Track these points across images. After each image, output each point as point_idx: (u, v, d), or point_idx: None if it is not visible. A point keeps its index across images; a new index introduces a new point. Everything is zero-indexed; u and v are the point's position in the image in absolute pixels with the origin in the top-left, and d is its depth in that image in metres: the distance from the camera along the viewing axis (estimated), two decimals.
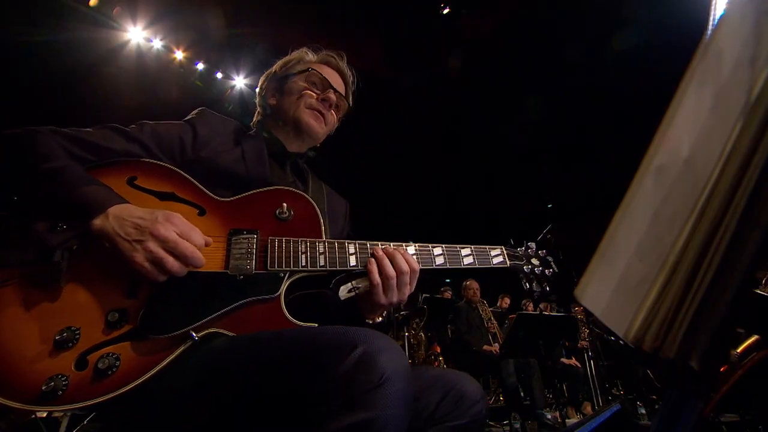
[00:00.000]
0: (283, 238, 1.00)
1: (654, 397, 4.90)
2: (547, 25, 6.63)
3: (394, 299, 1.03)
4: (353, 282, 1.15)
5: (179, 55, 6.96)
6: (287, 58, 1.40)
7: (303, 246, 1.00)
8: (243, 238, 0.97)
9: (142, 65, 6.61)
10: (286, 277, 0.96)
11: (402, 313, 5.45)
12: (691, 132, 0.44)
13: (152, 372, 0.80)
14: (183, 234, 0.86)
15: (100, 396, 0.77)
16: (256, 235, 0.98)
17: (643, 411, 4.68)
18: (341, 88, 1.39)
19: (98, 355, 0.80)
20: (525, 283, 1.26)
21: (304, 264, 0.98)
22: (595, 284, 0.46)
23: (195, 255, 0.86)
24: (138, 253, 0.82)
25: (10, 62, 5.40)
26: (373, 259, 1.03)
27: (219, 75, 7.54)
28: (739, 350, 0.98)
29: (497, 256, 1.21)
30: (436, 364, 5.61)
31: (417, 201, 10.23)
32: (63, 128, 0.98)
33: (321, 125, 1.32)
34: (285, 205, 1.04)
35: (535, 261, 1.29)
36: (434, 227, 10.61)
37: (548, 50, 6.90)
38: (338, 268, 1.01)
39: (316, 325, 0.93)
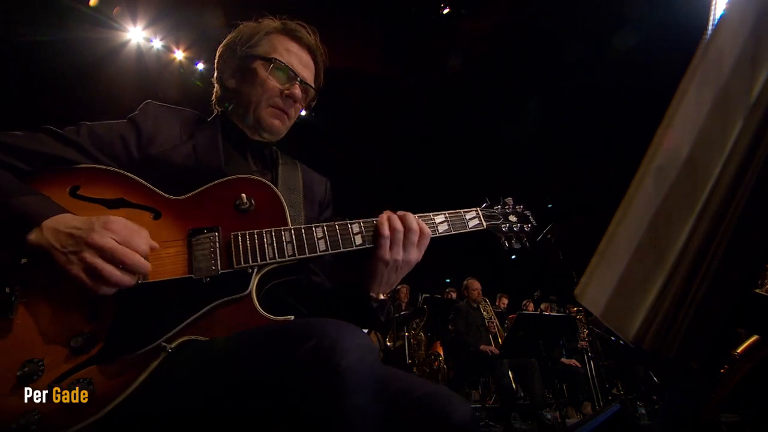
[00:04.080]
0: (246, 232, 0.94)
1: (654, 397, 4.89)
2: (547, 24, 6.63)
3: (399, 256, 1.01)
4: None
5: (179, 55, 6.95)
6: (250, 30, 1.26)
7: (268, 237, 0.94)
8: (204, 238, 0.91)
9: (142, 65, 6.60)
10: (254, 273, 0.91)
11: (402, 313, 5.45)
12: (691, 132, 0.44)
13: (129, 391, 0.77)
14: (123, 241, 0.79)
15: (76, 424, 0.73)
16: (218, 232, 0.93)
17: (643, 411, 4.68)
18: (310, 69, 1.27)
19: (68, 383, 0.75)
20: (504, 242, 1.20)
21: (271, 256, 0.93)
22: (595, 284, 0.46)
23: (135, 261, 0.79)
24: (74, 265, 0.76)
25: (10, 62, 5.40)
26: (383, 214, 1.02)
27: None
28: (739, 350, 0.98)
29: (473, 219, 1.15)
30: (436, 364, 5.62)
31: (416, 201, 10.20)
32: None
33: (284, 123, 1.24)
34: (244, 195, 0.97)
35: (512, 218, 1.22)
36: None
37: (548, 50, 6.90)
38: (308, 254, 0.96)
39: (292, 317, 0.90)
